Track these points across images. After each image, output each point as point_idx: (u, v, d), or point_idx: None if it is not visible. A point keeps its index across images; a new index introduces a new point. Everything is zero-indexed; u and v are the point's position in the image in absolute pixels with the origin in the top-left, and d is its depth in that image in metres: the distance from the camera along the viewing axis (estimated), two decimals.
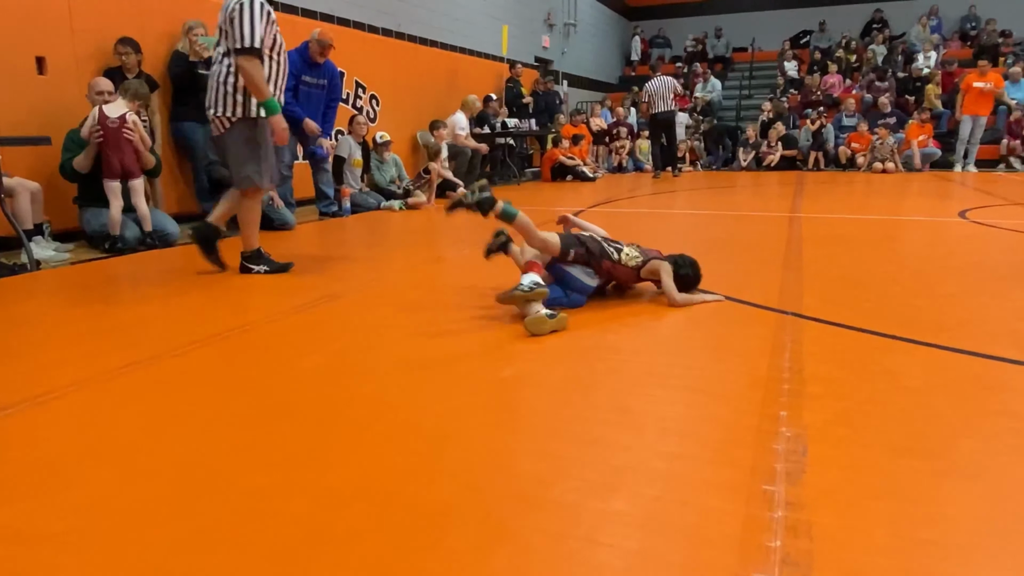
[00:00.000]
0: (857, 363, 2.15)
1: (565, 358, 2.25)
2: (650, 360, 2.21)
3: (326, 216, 6.23)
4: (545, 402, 1.86)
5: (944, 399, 1.85)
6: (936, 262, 3.72)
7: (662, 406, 1.83)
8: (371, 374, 2.12)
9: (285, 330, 2.61)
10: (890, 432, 1.65)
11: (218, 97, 3.30)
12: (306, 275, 3.67)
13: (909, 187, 8.67)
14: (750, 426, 1.69)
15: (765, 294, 3.05)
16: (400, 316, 2.79)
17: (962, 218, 5.53)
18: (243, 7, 3.19)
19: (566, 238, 2.91)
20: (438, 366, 2.18)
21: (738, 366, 2.14)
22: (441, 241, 4.89)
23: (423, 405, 1.86)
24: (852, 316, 2.67)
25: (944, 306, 2.81)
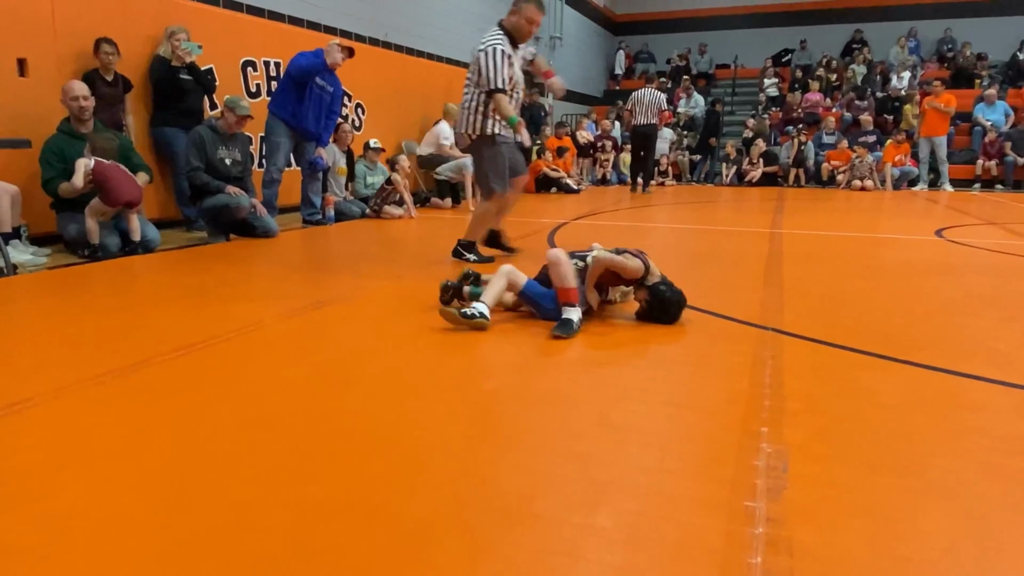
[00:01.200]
0: (836, 380, 2.18)
1: (548, 371, 2.26)
2: (633, 374, 2.23)
3: (310, 224, 6.20)
4: (528, 415, 1.87)
5: (920, 417, 1.88)
6: (913, 280, 3.79)
7: (644, 420, 1.84)
8: (354, 385, 2.11)
9: (267, 339, 2.59)
10: (868, 449, 1.68)
11: (464, 118, 4.08)
12: (289, 284, 3.65)
13: (887, 205, 8.83)
14: (731, 442, 1.71)
15: (746, 309, 3.08)
16: (383, 326, 2.79)
17: (939, 237, 5.64)
18: (487, 54, 3.87)
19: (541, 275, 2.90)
20: (420, 377, 2.18)
21: (719, 381, 2.16)
22: (425, 251, 4.89)
23: (406, 417, 1.85)
24: (831, 333, 2.70)
25: (921, 324, 2.86)
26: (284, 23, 7.19)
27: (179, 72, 5.62)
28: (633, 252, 2.86)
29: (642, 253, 2.89)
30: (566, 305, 2.69)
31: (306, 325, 2.80)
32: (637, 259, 2.81)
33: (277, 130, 5.80)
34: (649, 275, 2.82)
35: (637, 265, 2.79)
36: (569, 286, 2.71)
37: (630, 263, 2.79)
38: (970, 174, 11.80)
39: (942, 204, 8.87)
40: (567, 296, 2.70)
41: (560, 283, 2.71)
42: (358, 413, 1.88)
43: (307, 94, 5.76)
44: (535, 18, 3.88)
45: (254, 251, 4.79)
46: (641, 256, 2.85)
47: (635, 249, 2.91)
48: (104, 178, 4.36)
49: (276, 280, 3.74)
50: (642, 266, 2.81)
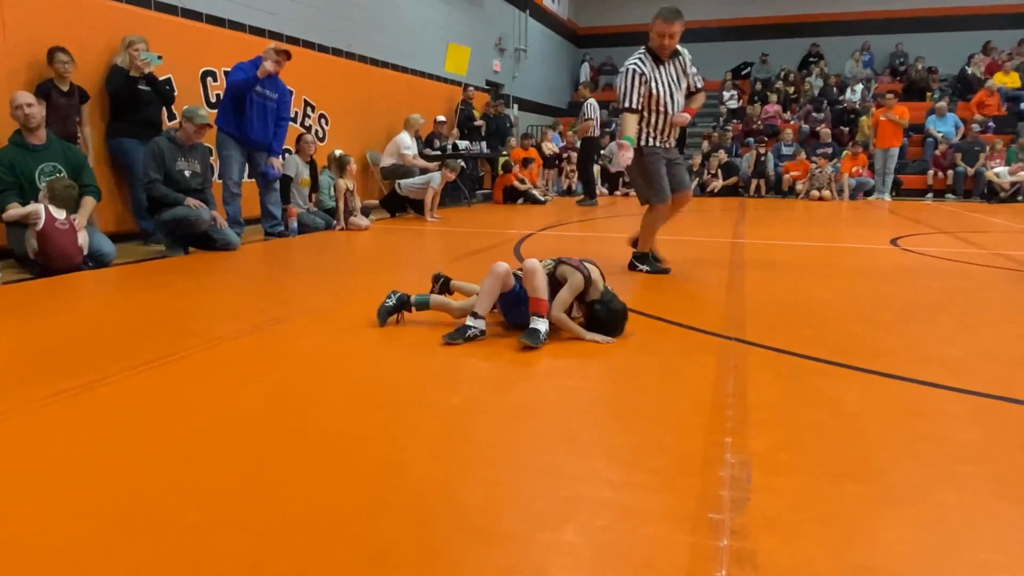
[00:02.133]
0: (798, 389, 2.21)
1: (515, 385, 2.25)
2: (599, 387, 2.23)
3: (272, 236, 6.11)
4: (494, 430, 1.85)
5: (880, 425, 1.92)
6: (871, 289, 3.87)
7: (610, 434, 1.84)
8: (316, 403, 2.07)
9: (227, 356, 2.53)
10: (830, 458, 1.70)
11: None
12: (250, 298, 3.58)
13: (844, 215, 9.04)
14: (696, 453, 1.71)
15: (710, 319, 3.11)
16: (346, 341, 2.75)
17: (894, 246, 5.78)
18: (622, 75, 4.09)
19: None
20: (385, 393, 2.15)
21: (684, 392, 2.17)
22: (389, 263, 4.85)
23: (369, 435, 1.82)
24: (793, 342, 2.74)
25: (879, 332, 2.92)
26: (245, 33, 7.09)
27: (137, 82, 5.50)
28: (574, 264, 2.83)
29: (583, 264, 2.84)
30: (535, 315, 2.69)
31: (267, 340, 2.75)
32: (578, 272, 2.80)
33: (226, 144, 5.75)
34: (590, 289, 2.81)
35: (578, 281, 2.78)
36: (542, 297, 2.72)
37: (572, 278, 2.79)
38: (922, 184, 12.17)
39: (896, 214, 9.13)
40: (538, 307, 2.71)
41: (533, 293, 2.72)
42: (321, 431, 1.85)
43: (248, 105, 5.71)
44: (663, 30, 3.95)
45: (214, 265, 4.70)
46: (582, 267, 2.82)
47: (578, 259, 2.88)
48: (45, 242, 4.22)
49: (236, 294, 3.67)
50: (583, 280, 2.78)
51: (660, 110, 4.08)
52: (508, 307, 2.88)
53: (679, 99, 4.13)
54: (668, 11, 3.98)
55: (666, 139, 4.19)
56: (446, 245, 5.93)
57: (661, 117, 4.10)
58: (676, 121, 4.12)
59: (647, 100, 4.07)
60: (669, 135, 4.18)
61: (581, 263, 2.85)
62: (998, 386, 2.23)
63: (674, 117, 4.09)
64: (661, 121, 4.12)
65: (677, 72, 4.11)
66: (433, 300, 3.03)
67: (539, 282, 2.72)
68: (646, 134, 4.16)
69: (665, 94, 4.06)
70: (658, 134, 4.16)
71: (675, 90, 4.10)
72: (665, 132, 4.16)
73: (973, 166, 11.73)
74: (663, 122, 4.13)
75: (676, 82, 4.10)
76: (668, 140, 4.20)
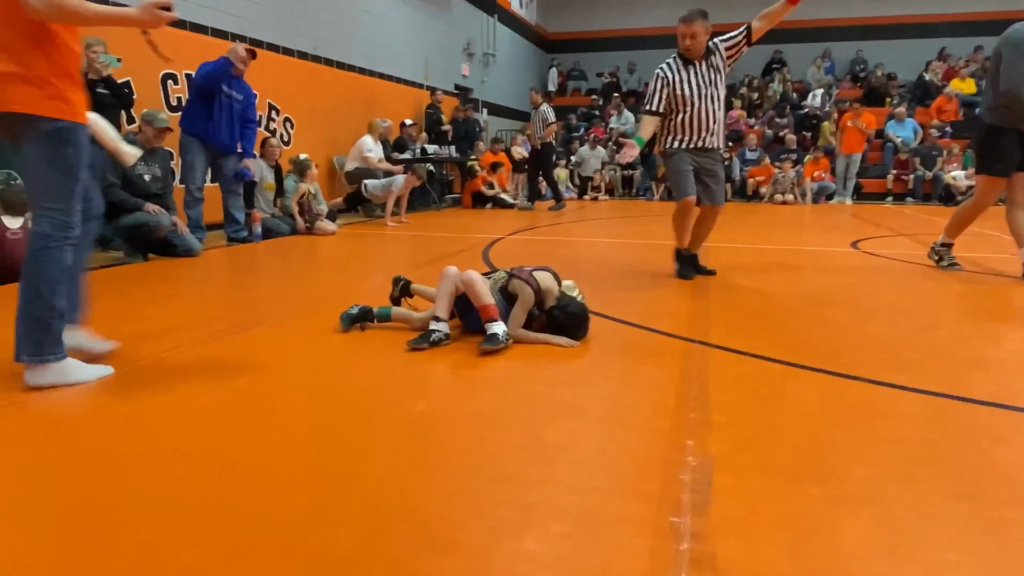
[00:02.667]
0: (759, 391, 2.23)
1: (480, 392, 2.24)
2: (564, 391, 2.23)
3: (235, 242, 6.01)
4: (458, 438, 1.84)
5: (838, 426, 1.94)
6: (830, 291, 3.94)
7: (575, 439, 1.83)
8: (275, 413, 2.03)
9: (185, 365, 2.48)
10: (790, 459, 1.72)
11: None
12: (210, 305, 3.51)
13: (806, 218, 9.21)
14: (658, 456, 1.72)
15: (675, 322, 3.13)
16: (309, 349, 2.71)
17: (854, 248, 5.90)
18: (652, 78, 4.18)
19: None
20: (346, 402, 2.12)
21: (647, 396, 2.18)
22: (354, 268, 4.80)
23: (329, 445, 1.79)
24: (755, 344, 2.78)
25: (838, 334, 2.97)
26: (207, 35, 6.98)
27: (96, 86, 5.37)
28: (523, 277, 2.82)
29: (533, 276, 2.84)
30: (489, 322, 2.69)
31: (227, 349, 2.70)
32: (527, 286, 2.80)
33: (191, 147, 5.64)
34: (545, 298, 2.82)
35: (528, 295, 2.79)
36: (487, 303, 2.72)
37: (523, 293, 2.79)
38: (882, 188, 12.46)
39: (857, 217, 9.32)
40: (488, 313, 2.71)
41: (478, 302, 2.72)
42: (279, 442, 1.81)
43: (216, 106, 5.63)
44: (683, 31, 4.00)
45: (174, 271, 4.60)
46: (531, 279, 2.82)
47: (527, 271, 2.88)
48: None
49: (196, 302, 3.60)
50: (532, 293, 2.79)
51: (689, 111, 4.08)
52: (464, 311, 2.87)
53: (717, 94, 4.08)
54: (688, 12, 4.02)
55: (697, 140, 4.13)
56: (414, 250, 5.90)
57: (691, 118, 4.09)
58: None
59: (673, 102, 4.09)
60: (702, 137, 4.12)
61: (531, 275, 2.86)
62: (953, 386, 2.28)
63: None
64: (690, 123, 4.11)
65: (712, 70, 4.06)
66: (395, 312, 3.02)
67: (479, 290, 2.75)
68: (671, 136, 4.18)
69: (694, 95, 4.05)
70: (687, 136, 4.14)
71: (709, 88, 4.06)
72: (695, 134, 4.12)
73: (931, 170, 12.04)
74: (693, 124, 4.10)
75: (710, 81, 4.07)
76: (701, 140, 4.13)
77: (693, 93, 4.06)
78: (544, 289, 2.84)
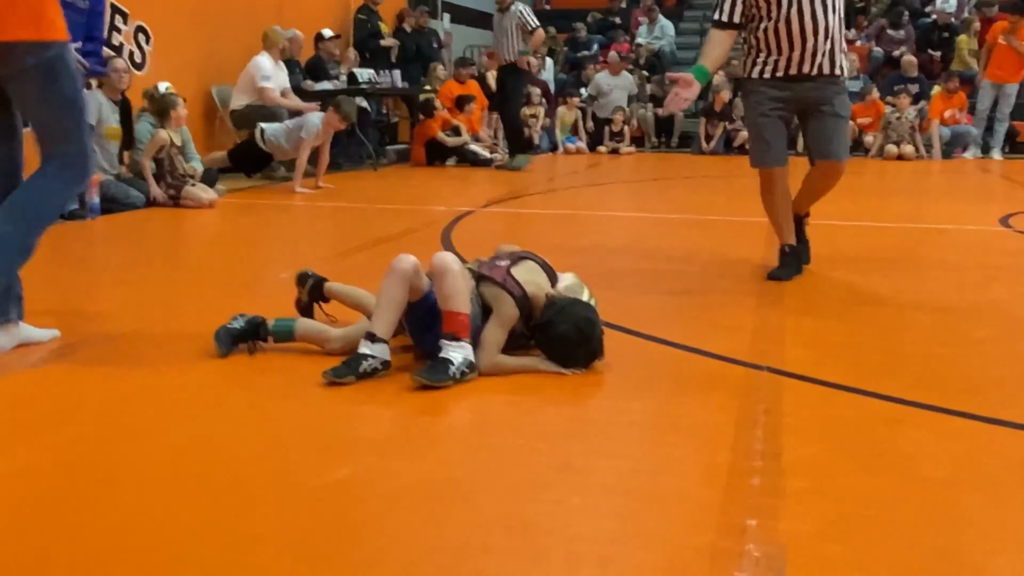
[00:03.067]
0: (858, 443, 2.23)
1: (432, 447, 2.23)
2: (562, 447, 2.21)
3: (61, 218, 5.96)
4: (399, 520, 1.82)
5: (977, 497, 1.95)
6: (968, 293, 3.97)
7: (577, 519, 1.83)
8: (115, 481, 2.01)
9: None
10: (904, 548, 1.72)
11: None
12: (32, 317, 3.48)
13: (933, 181, 9.30)
14: (704, 545, 1.71)
15: (731, 341, 3.14)
16: (172, 380, 2.70)
17: (1005, 227, 5.95)
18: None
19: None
20: (230, 465, 2.10)
21: (689, 452, 2.17)
22: (241, 261, 4.78)
23: (200, 531, 1.77)
24: (851, 372, 2.77)
25: (978, 357, 2.99)
26: None
27: None
28: (499, 280, 2.84)
29: (510, 277, 2.86)
30: (448, 339, 2.66)
31: (45, 384, 2.68)
32: (507, 296, 2.80)
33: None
34: (534, 308, 2.84)
35: (508, 313, 2.81)
36: (457, 309, 2.69)
37: (500, 308, 2.81)
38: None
39: (1010, 179, 9.41)
40: (452, 324, 2.68)
41: (445, 304, 2.70)
42: (123, 528, 1.79)
43: None
44: None
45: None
46: (510, 284, 2.83)
47: (503, 266, 2.90)
48: None
49: None
50: (515, 310, 2.81)
51: (775, 17, 3.98)
52: (419, 326, 2.85)
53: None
54: None
55: (793, 63, 4.06)
56: (337, 230, 5.89)
57: (780, 28, 3.99)
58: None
59: (754, 5, 4.03)
60: (802, 57, 4.03)
61: (508, 275, 2.85)
62: None
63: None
64: (777, 36, 4.02)
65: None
66: (300, 327, 2.99)
67: (453, 287, 2.71)
68: (752, 59, 4.16)
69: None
70: (775, 56, 4.08)
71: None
72: (790, 52, 4.04)
73: None
74: (783, 37, 4.01)
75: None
76: (800, 63, 4.06)
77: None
78: (532, 295, 2.84)
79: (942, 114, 12.09)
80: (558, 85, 13.49)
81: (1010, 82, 11.73)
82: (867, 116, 12.38)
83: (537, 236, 4.16)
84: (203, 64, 8.78)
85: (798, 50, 4.02)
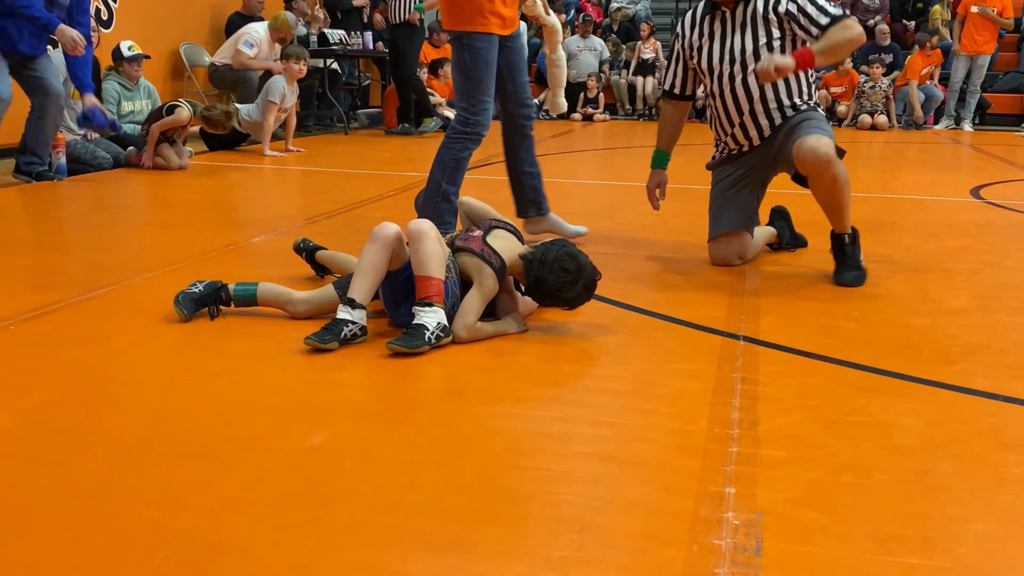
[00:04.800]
0: (832, 411, 2.26)
1: (410, 413, 2.23)
2: (540, 414, 2.23)
3: (26, 179, 5.89)
4: (375, 487, 1.83)
5: (950, 463, 1.98)
6: (940, 262, 4.01)
7: (556, 486, 1.84)
8: (90, 445, 2.00)
9: None
10: (876, 514, 1.74)
11: None
12: (2, 279, 3.45)
13: (907, 151, 9.36)
14: (683, 512, 1.73)
15: (707, 309, 3.16)
16: (146, 345, 2.69)
17: (975, 198, 6.01)
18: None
19: None
20: (203, 431, 2.10)
21: (666, 420, 2.19)
22: (211, 222, 4.73)
23: (176, 497, 1.77)
24: (827, 341, 2.81)
25: (950, 326, 3.02)
26: None
27: None
28: (476, 250, 2.85)
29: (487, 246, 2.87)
30: (421, 305, 2.67)
31: (14, 346, 2.66)
32: (487, 267, 2.81)
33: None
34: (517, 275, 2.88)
35: (489, 287, 2.82)
36: (431, 274, 2.70)
37: (481, 281, 2.82)
38: (1018, 108, 12.68)
39: (980, 150, 9.50)
40: (427, 289, 2.69)
41: (420, 269, 2.70)
42: (95, 492, 1.78)
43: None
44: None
45: None
46: (487, 254, 2.84)
47: (478, 235, 2.92)
48: None
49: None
50: (495, 282, 2.83)
51: (715, 92, 3.78)
52: (395, 296, 2.85)
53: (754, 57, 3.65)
54: None
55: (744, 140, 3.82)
56: (307, 195, 5.84)
57: (722, 107, 3.79)
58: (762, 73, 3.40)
59: (700, 73, 3.84)
60: (748, 132, 3.77)
61: (485, 244, 2.86)
62: None
63: (759, 66, 3.44)
64: (724, 115, 3.80)
65: (753, 18, 3.63)
66: (263, 291, 2.99)
67: (429, 252, 2.72)
68: (715, 134, 3.96)
69: (725, 61, 3.71)
70: (727, 139, 3.87)
71: (744, 48, 3.66)
72: (739, 132, 3.80)
73: None
74: (728, 115, 3.78)
75: (747, 34, 3.65)
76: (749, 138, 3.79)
77: (721, 59, 3.72)
78: (509, 263, 2.86)
79: (920, 71, 12.09)
80: (531, 50, 13.39)
81: (983, 53, 11.81)
82: (840, 85, 12.44)
83: (510, 204, 4.15)
84: (170, 22, 8.65)
85: (737, 123, 3.78)
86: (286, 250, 3.56)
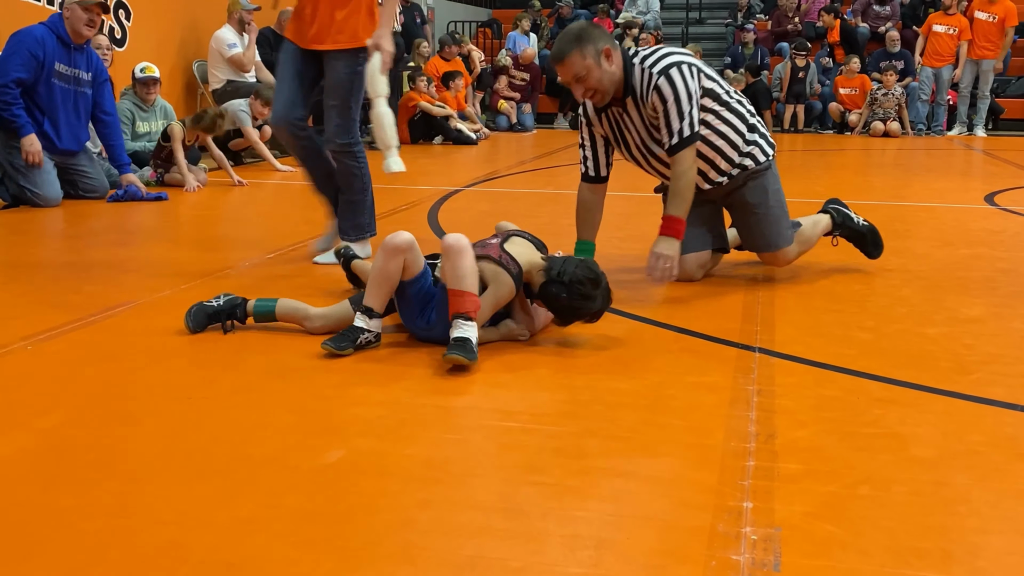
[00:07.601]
0: (850, 423, 2.25)
1: (425, 429, 2.23)
2: (555, 429, 2.22)
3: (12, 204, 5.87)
4: (393, 503, 1.83)
5: (968, 475, 1.97)
6: (955, 270, 3.99)
7: (571, 502, 1.83)
8: (108, 464, 2.01)
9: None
10: (895, 528, 1.73)
11: None
12: (15, 298, 3.46)
13: (920, 158, 9.32)
14: (701, 527, 1.72)
15: (722, 320, 3.16)
16: (163, 363, 2.70)
17: (989, 204, 5.98)
18: None
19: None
20: (222, 448, 2.11)
21: (683, 433, 2.19)
22: (224, 238, 4.75)
23: (195, 515, 1.77)
24: (842, 351, 2.80)
25: (966, 335, 3.01)
26: None
27: None
28: (494, 257, 2.84)
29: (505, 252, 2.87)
30: (460, 318, 2.67)
31: (31, 366, 2.68)
32: (504, 273, 2.81)
33: None
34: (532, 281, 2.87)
35: (505, 291, 2.82)
36: (469, 290, 2.70)
37: (497, 284, 2.82)
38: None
39: (994, 156, 9.45)
40: (461, 304, 2.68)
41: (456, 284, 2.70)
42: (113, 511, 1.79)
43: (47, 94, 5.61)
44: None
45: None
46: (506, 261, 2.84)
47: (496, 243, 2.92)
48: None
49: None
50: (512, 287, 2.83)
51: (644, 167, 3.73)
52: (411, 307, 2.86)
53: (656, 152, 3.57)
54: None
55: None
56: (318, 211, 5.83)
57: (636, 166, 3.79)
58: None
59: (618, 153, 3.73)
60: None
61: (503, 251, 2.87)
62: None
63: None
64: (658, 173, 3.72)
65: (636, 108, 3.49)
66: (281, 306, 3.01)
67: (468, 268, 2.72)
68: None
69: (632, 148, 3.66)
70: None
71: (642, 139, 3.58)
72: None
73: None
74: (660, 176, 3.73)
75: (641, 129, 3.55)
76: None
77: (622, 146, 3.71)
78: (527, 270, 2.86)
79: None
80: (542, 62, 13.40)
81: (988, 57, 11.78)
82: (851, 87, 12.32)
83: (523, 216, 4.15)
84: (183, 39, 8.70)
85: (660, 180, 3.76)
86: (299, 266, 3.58)
